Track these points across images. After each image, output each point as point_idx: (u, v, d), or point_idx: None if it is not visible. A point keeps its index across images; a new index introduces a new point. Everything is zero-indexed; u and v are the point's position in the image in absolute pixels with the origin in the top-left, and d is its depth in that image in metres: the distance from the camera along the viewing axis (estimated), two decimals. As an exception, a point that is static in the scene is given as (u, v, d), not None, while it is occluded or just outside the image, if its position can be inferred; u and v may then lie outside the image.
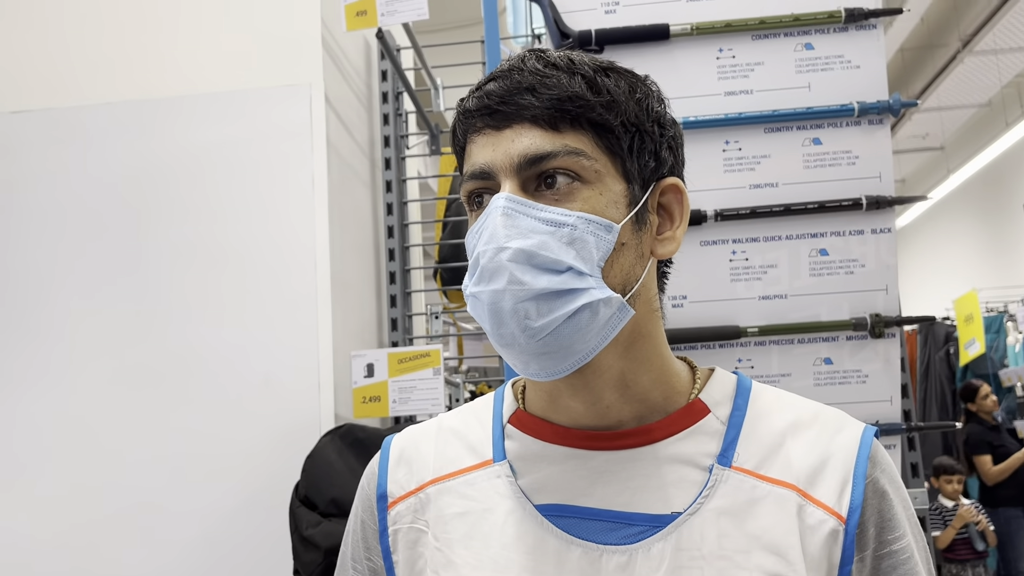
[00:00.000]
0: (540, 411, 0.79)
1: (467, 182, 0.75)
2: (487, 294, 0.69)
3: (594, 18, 1.72)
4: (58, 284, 2.09)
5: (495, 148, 0.72)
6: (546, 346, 0.69)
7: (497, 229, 0.69)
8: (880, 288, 1.64)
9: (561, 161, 0.71)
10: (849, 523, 0.71)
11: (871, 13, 1.64)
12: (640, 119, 0.75)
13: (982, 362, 6.72)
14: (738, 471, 0.73)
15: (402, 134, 2.54)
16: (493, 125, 0.73)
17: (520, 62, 0.74)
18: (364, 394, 1.91)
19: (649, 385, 0.76)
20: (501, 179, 0.72)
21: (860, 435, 0.76)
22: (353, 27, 1.97)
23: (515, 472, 0.77)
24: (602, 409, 0.75)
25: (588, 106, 0.72)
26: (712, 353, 1.66)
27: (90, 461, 2.01)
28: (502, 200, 0.70)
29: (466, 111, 0.75)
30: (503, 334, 0.69)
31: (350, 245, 2.24)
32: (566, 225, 0.69)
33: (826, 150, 1.66)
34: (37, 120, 2.17)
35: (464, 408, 0.87)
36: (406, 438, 0.85)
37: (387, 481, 0.82)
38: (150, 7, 2.20)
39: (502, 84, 0.73)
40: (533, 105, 0.72)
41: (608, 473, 0.74)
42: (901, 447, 1.68)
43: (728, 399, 0.78)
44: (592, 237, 0.70)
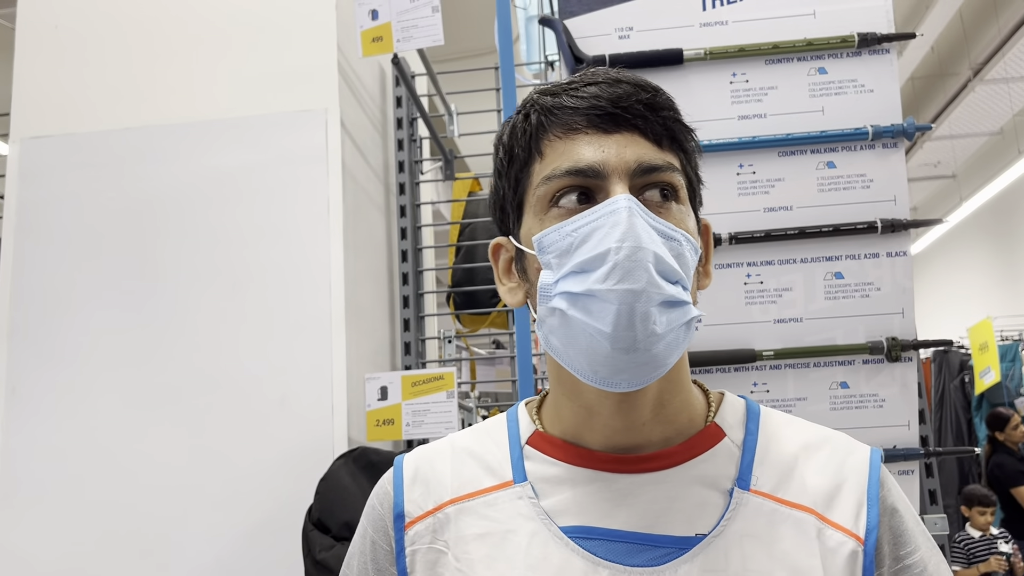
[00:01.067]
0: (566, 430, 0.78)
1: (560, 178, 0.72)
2: (619, 292, 0.66)
3: (608, 43, 1.73)
4: (76, 306, 2.10)
5: (604, 150, 0.72)
6: (656, 356, 0.68)
7: (631, 228, 0.67)
8: (896, 311, 1.63)
9: (667, 176, 0.73)
10: (867, 543, 0.72)
11: (884, 38, 1.65)
12: (698, 155, 0.79)
13: (998, 391, 6.66)
14: (757, 494, 0.74)
15: (416, 159, 2.55)
16: (602, 127, 0.72)
17: (616, 73, 0.75)
18: (378, 417, 1.90)
19: (680, 407, 0.77)
20: (612, 181, 0.71)
21: (869, 458, 0.77)
22: (369, 53, 1.99)
23: (536, 493, 0.76)
24: (637, 428, 0.75)
25: (683, 130, 0.76)
26: (727, 377, 1.65)
27: (105, 481, 2.01)
28: (627, 201, 0.69)
29: (562, 106, 0.74)
30: (624, 337, 0.67)
31: (364, 269, 2.25)
32: (675, 239, 0.70)
33: (840, 173, 1.66)
34: (57, 145, 2.19)
35: (475, 428, 0.86)
36: (419, 457, 0.84)
37: (404, 501, 0.80)
38: (168, 34, 2.23)
39: (609, 90, 0.73)
40: (646, 116, 0.73)
41: (631, 496, 0.74)
42: (919, 473, 1.66)
43: (740, 423, 0.79)
44: (689, 255, 0.71)
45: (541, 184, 0.74)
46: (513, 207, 0.78)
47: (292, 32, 2.19)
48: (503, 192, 0.79)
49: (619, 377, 0.69)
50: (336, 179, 2.09)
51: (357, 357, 2.10)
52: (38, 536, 2.01)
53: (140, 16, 2.25)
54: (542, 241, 0.72)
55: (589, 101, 0.73)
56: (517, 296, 0.79)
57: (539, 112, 0.75)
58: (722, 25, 1.71)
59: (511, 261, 0.80)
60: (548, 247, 0.72)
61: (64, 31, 2.26)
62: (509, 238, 0.80)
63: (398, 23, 1.96)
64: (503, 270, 0.81)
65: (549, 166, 0.73)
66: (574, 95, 0.74)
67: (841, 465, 0.76)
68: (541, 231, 0.72)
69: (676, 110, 0.76)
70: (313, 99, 2.14)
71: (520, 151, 0.76)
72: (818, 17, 1.69)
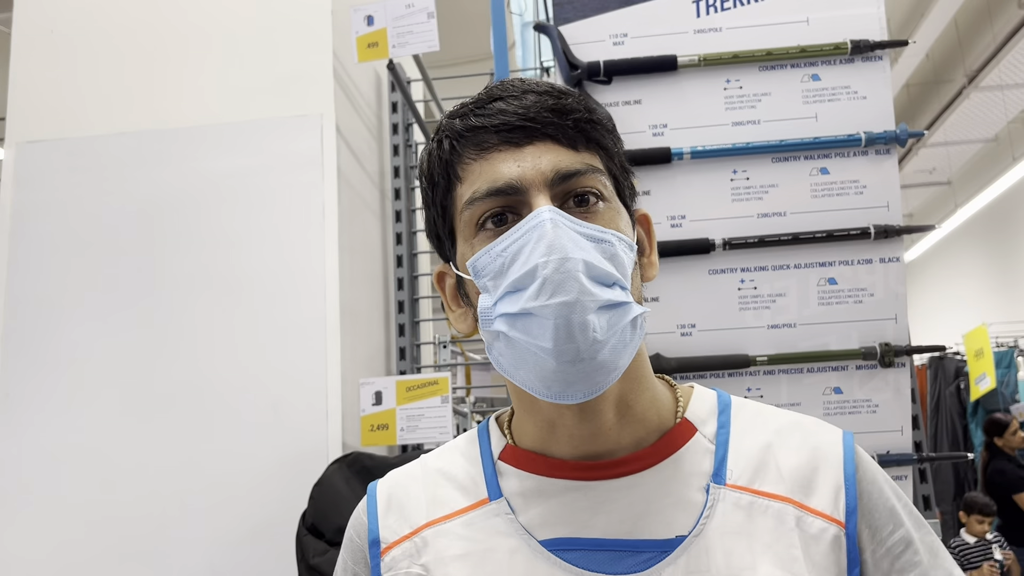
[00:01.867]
0: (534, 443, 0.77)
1: (482, 200, 0.71)
2: (553, 307, 0.65)
3: (602, 49, 1.74)
4: (70, 311, 2.10)
5: (519, 164, 0.71)
6: (603, 362, 0.67)
7: (555, 240, 0.66)
8: (889, 317, 1.64)
9: (587, 179, 0.72)
10: (848, 526, 0.72)
11: (877, 45, 1.66)
12: (622, 149, 0.78)
13: (993, 397, 6.67)
14: (733, 488, 0.73)
15: (411, 165, 2.56)
16: (512, 141, 0.72)
17: (523, 83, 0.75)
18: (372, 422, 1.90)
19: (646, 406, 0.76)
20: (532, 194, 0.70)
21: (841, 439, 0.77)
22: (365, 58, 1.99)
23: (513, 509, 0.75)
24: (604, 433, 0.74)
25: (599, 129, 0.75)
26: (721, 382, 1.65)
27: (98, 487, 2.01)
28: (549, 212, 0.68)
29: (472, 128, 0.73)
30: (567, 350, 0.66)
31: (359, 274, 2.25)
32: (605, 241, 0.70)
33: (834, 180, 1.67)
34: (52, 149, 2.20)
35: (447, 447, 0.85)
36: (392, 483, 0.82)
37: (378, 527, 0.79)
38: (164, 39, 2.23)
39: (517, 103, 0.72)
40: (555, 123, 0.72)
41: (608, 502, 0.73)
42: (913, 478, 1.66)
43: (712, 416, 0.78)
44: (623, 254, 0.71)
45: (465, 208, 0.73)
46: (446, 234, 0.77)
47: (288, 38, 2.19)
48: (434, 220, 0.78)
49: (572, 389, 0.68)
50: (331, 184, 2.09)
51: (352, 362, 2.10)
52: (31, 542, 2.00)
53: (136, 22, 2.25)
54: (475, 265, 0.71)
55: (497, 117, 0.72)
56: (467, 322, 0.78)
57: (451, 136, 0.74)
58: (716, 32, 1.72)
59: (455, 287, 0.78)
60: (482, 270, 0.71)
61: (60, 36, 2.27)
62: (450, 264, 0.78)
63: (393, 29, 1.97)
64: (450, 297, 0.79)
65: (469, 189, 0.72)
66: (481, 114, 0.73)
67: (815, 449, 0.75)
68: (473, 255, 0.72)
69: (589, 109, 0.75)
70: (309, 104, 2.15)
71: (440, 178, 0.76)
72: (811, 24, 1.70)
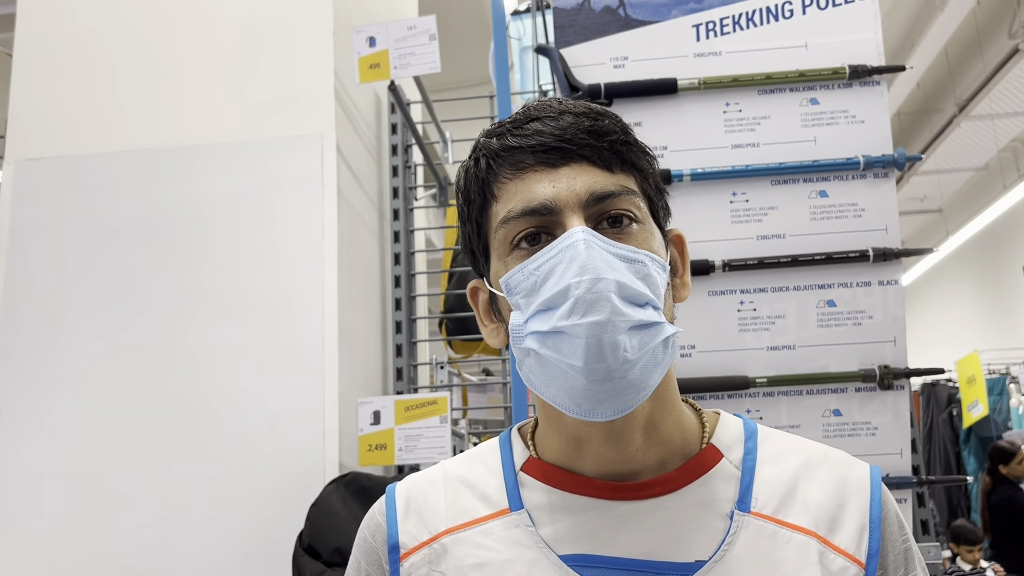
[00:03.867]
0: (559, 459, 0.77)
1: (517, 220, 0.73)
2: (585, 326, 0.66)
3: (603, 72, 1.75)
4: (67, 328, 2.09)
5: (555, 184, 0.72)
6: (633, 381, 0.68)
7: (587, 261, 0.67)
8: (888, 340, 1.64)
9: (622, 201, 0.73)
10: (869, 568, 0.72)
11: (874, 70, 1.68)
12: (657, 171, 0.79)
13: (985, 424, 6.68)
14: (757, 516, 0.73)
15: (410, 185, 2.57)
16: (548, 162, 0.73)
17: (559, 104, 0.76)
18: (370, 442, 1.89)
19: (672, 427, 0.76)
20: (567, 215, 0.71)
21: (870, 478, 0.77)
22: (366, 79, 2.01)
23: (534, 521, 0.75)
24: (630, 453, 0.74)
25: (634, 151, 0.76)
26: (721, 403, 1.65)
27: (93, 506, 1.99)
28: (583, 233, 0.69)
29: (509, 147, 0.74)
30: (598, 369, 0.66)
31: (358, 294, 2.25)
32: (638, 261, 0.70)
33: (832, 202, 1.68)
34: (52, 168, 2.20)
35: (468, 455, 0.85)
36: (411, 486, 0.82)
37: (398, 532, 0.79)
38: (164, 59, 2.25)
39: (553, 124, 0.73)
40: (591, 144, 0.73)
41: (630, 522, 0.73)
42: (911, 502, 1.66)
43: (738, 443, 0.78)
44: (657, 275, 0.71)
45: (500, 227, 0.74)
46: (480, 251, 0.78)
47: (289, 58, 2.20)
48: (469, 236, 0.80)
49: (602, 408, 0.69)
50: (331, 204, 2.10)
51: (349, 382, 2.09)
52: (25, 559, 1.98)
53: (136, 42, 2.26)
54: (508, 283, 0.72)
55: (533, 138, 0.73)
56: (499, 337, 0.79)
57: (487, 155, 0.76)
58: (716, 56, 1.74)
59: (488, 303, 0.80)
60: (515, 288, 0.72)
61: (61, 55, 2.27)
62: (483, 280, 0.80)
63: (395, 50, 1.98)
64: (483, 312, 0.81)
65: (504, 208, 0.74)
66: (518, 134, 0.74)
67: (842, 484, 0.76)
68: (507, 273, 0.73)
69: (625, 131, 0.76)
70: (309, 125, 2.16)
71: (476, 196, 0.77)
72: (810, 49, 1.72)
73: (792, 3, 1.74)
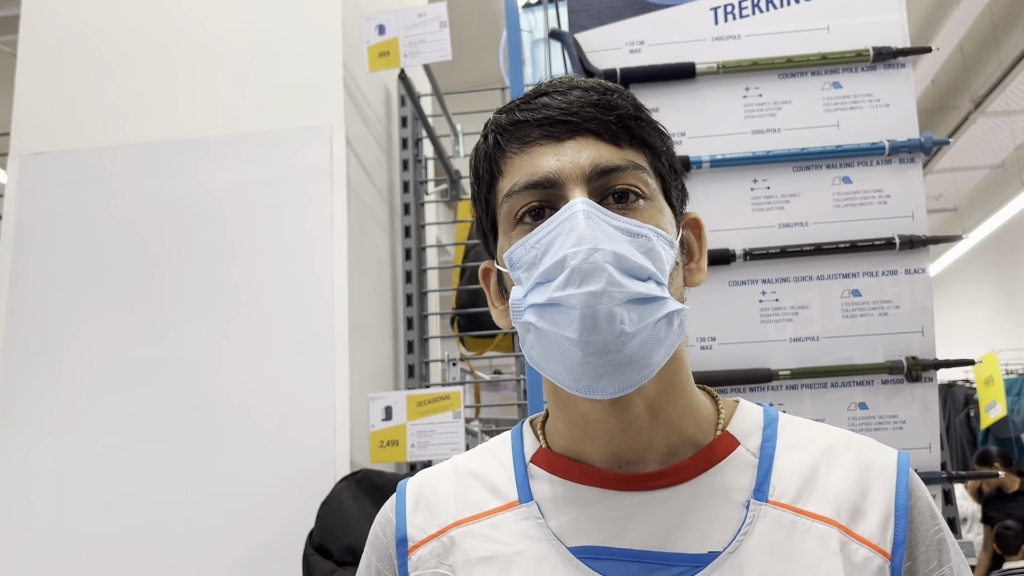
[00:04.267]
0: (567, 447, 0.76)
1: (520, 193, 0.72)
2: (580, 297, 0.65)
3: (619, 57, 1.71)
4: (74, 326, 2.06)
5: (559, 158, 0.71)
6: (631, 356, 0.66)
7: (585, 232, 0.66)
8: (916, 330, 1.59)
9: (628, 176, 0.72)
10: (895, 559, 0.69)
11: (899, 52, 1.63)
12: (672, 151, 0.78)
13: (1004, 425, 6.60)
14: (775, 505, 0.71)
15: (421, 180, 2.53)
16: (554, 135, 0.72)
17: (571, 80, 0.75)
18: (382, 438, 1.85)
19: (680, 412, 0.74)
20: (569, 188, 0.70)
21: (896, 464, 0.74)
22: (376, 68, 1.97)
23: (543, 514, 0.74)
24: (635, 431, 0.73)
25: (645, 127, 0.75)
26: (743, 397, 1.60)
27: (100, 506, 1.96)
28: (582, 204, 0.68)
29: (516, 122, 0.74)
30: (593, 341, 0.65)
31: (368, 289, 2.21)
32: (641, 235, 0.69)
33: (856, 189, 1.63)
34: (58, 162, 2.17)
35: (479, 448, 0.84)
36: (421, 481, 0.82)
37: (406, 525, 0.78)
38: (171, 50, 2.21)
39: (560, 98, 0.73)
40: (598, 118, 0.72)
41: (641, 513, 0.71)
42: (939, 499, 1.61)
43: (757, 430, 0.76)
44: (662, 251, 0.70)
45: (504, 201, 0.74)
46: (489, 229, 0.78)
47: (298, 49, 2.17)
48: (479, 215, 0.80)
49: (601, 383, 0.68)
50: (340, 197, 2.06)
51: (360, 378, 2.05)
52: (31, 561, 1.95)
53: (143, 34, 2.23)
54: (511, 257, 0.72)
55: (540, 112, 0.73)
56: (507, 318, 0.77)
57: (495, 131, 0.76)
58: (735, 39, 1.69)
59: (498, 283, 0.79)
60: (517, 262, 0.71)
61: (67, 48, 2.25)
62: (493, 261, 0.80)
63: (405, 38, 1.94)
64: (494, 294, 0.80)
65: (509, 182, 0.73)
66: (526, 108, 0.74)
67: (866, 470, 0.73)
68: (510, 248, 0.72)
69: (637, 107, 0.75)
70: (318, 116, 2.12)
71: (484, 172, 0.77)
72: (832, 31, 1.67)
73: (813, -16, 1.69)
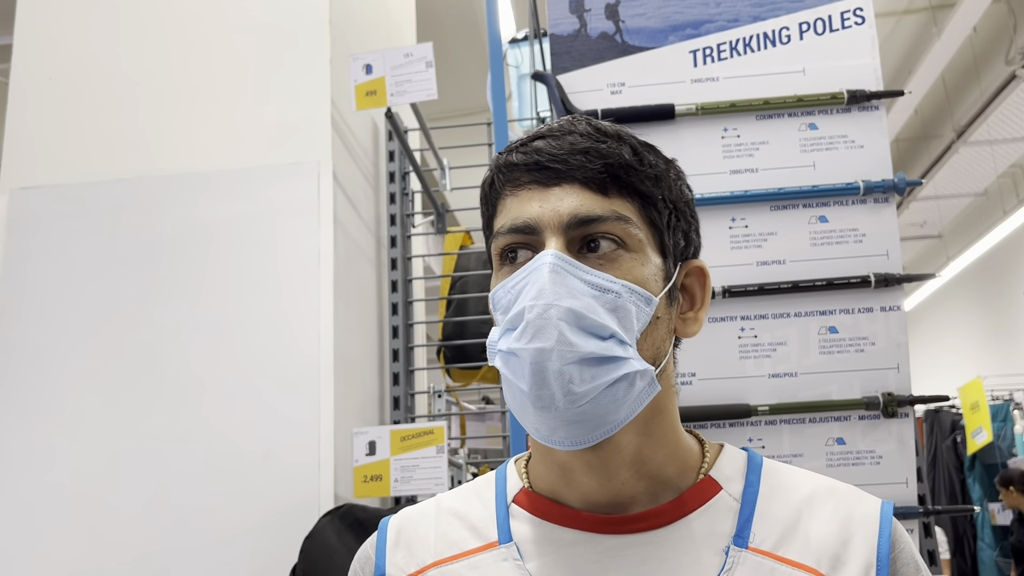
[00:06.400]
0: (548, 489, 0.76)
1: (504, 235, 0.73)
2: (530, 351, 0.66)
3: (600, 98, 1.75)
4: (61, 358, 2.06)
5: (542, 204, 0.72)
6: (583, 414, 0.67)
7: (546, 285, 0.67)
8: (891, 367, 1.62)
9: (609, 226, 0.71)
10: None
11: (873, 95, 1.67)
12: (676, 197, 0.77)
13: (990, 451, 6.62)
14: (755, 552, 0.70)
15: (407, 212, 2.55)
16: (541, 181, 0.72)
17: (571, 124, 0.75)
18: (365, 473, 1.86)
19: (663, 461, 0.74)
20: (546, 236, 0.71)
21: (879, 513, 0.74)
22: (363, 106, 2.00)
23: (522, 555, 0.74)
24: (616, 487, 0.73)
25: (638, 175, 0.73)
26: (722, 432, 1.63)
27: (82, 541, 1.95)
28: (551, 257, 0.69)
29: (510, 164, 0.75)
30: (542, 396, 0.66)
31: (354, 321, 2.23)
32: (611, 291, 0.69)
33: (832, 228, 1.66)
34: (46, 196, 2.18)
35: (464, 488, 0.84)
36: (403, 519, 0.82)
37: (385, 564, 0.78)
38: (160, 86, 2.24)
39: (554, 143, 0.73)
40: (585, 167, 0.72)
41: (620, 557, 0.71)
42: (917, 533, 1.63)
43: (740, 475, 0.76)
44: (633, 307, 0.70)
45: (494, 239, 0.75)
46: (489, 260, 0.79)
47: (286, 86, 2.20)
48: (487, 243, 0.81)
49: (557, 436, 0.69)
50: (327, 231, 2.08)
51: (345, 411, 2.06)
52: (11, 596, 1.94)
53: (133, 70, 2.26)
54: (494, 297, 0.73)
55: (532, 156, 0.73)
56: None
57: (495, 170, 0.77)
58: (713, 81, 1.73)
59: None
60: (497, 303, 0.73)
61: (58, 83, 2.27)
62: None
63: (392, 78, 1.97)
64: None
65: (500, 222, 0.75)
66: (522, 151, 0.74)
67: (848, 519, 0.73)
68: (494, 287, 0.74)
69: (634, 153, 0.74)
70: (306, 152, 2.14)
71: (485, 208, 0.79)
72: (807, 74, 1.71)
73: (789, 29, 1.74)
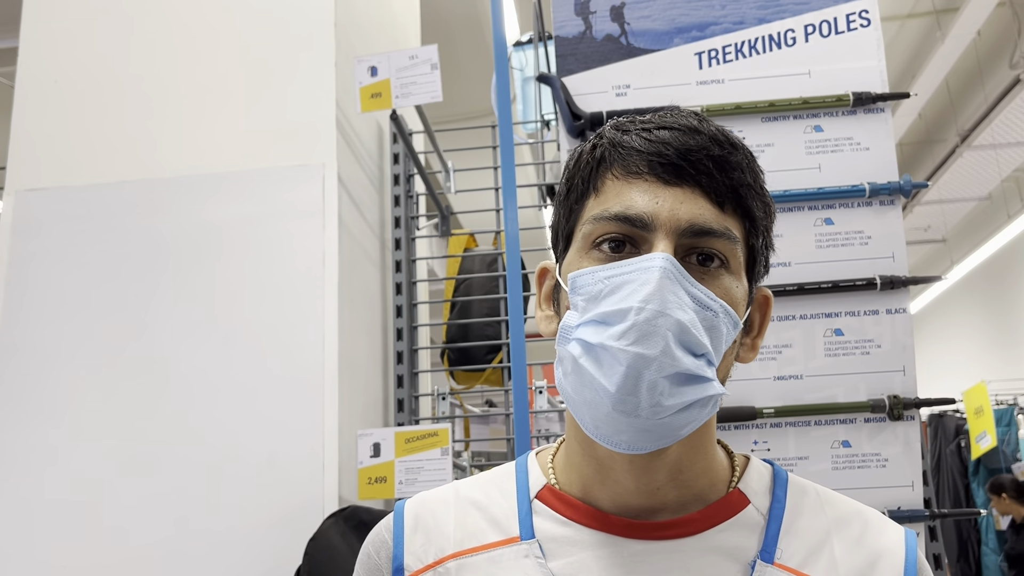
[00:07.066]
0: (579, 486, 0.75)
1: (607, 221, 0.69)
2: (631, 355, 0.63)
3: (605, 100, 1.75)
4: (65, 360, 2.06)
5: (659, 201, 0.68)
6: (659, 426, 0.65)
7: (657, 291, 0.64)
8: (897, 369, 1.62)
9: (720, 243, 0.69)
10: None
11: (879, 97, 1.67)
12: (770, 224, 0.75)
13: (994, 455, 6.60)
14: (781, 568, 0.70)
15: (412, 215, 2.55)
16: (662, 177, 0.69)
17: (696, 121, 0.71)
18: (370, 475, 1.86)
19: (700, 472, 0.73)
20: (658, 236, 0.68)
21: (904, 542, 0.73)
22: (368, 108, 2.00)
23: (544, 553, 0.72)
24: (651, 491, 0.72)
25: (754, 198, 0.71)
26: (728, 435, 1.62)
27: (86, 543, 1.95)
28: (664, 261, 0.65)
29: (629, 148, 0.70)
30: (627, 400, 0.64)
31: (358, 324, 2.23)
32: (711, 309, 0.67)
33: (838, 230, 1.66)
34: (51, 198, 2.19)
35: (481, 477, 0.82)
36: (420, 504, 0.80)
37: (404, 552, 0.76)
38: (166, 89, 2.24)
39: (681, 138, 0.69)
40: (712, 175, 0.69)
41: (644, 563, 0.70)
42: (924, 536, 1.62)
43: (767, 490, 0.75)
44: (724, 328, 0.68)
45: (588, 222, 0.71)
46: (563, 236, 0.76)
47: (291, 88, 2.20)
48: (558, 219, 0.77)
49: (619, 438, 0.67)
50: (332, 233, 2.08)
51: (349, 413, 2.06)
52: (15, 598, 1.94)
53: (138, 73, 2.26)
54: (576, 281, 0.70)
55: (656, 146, 0.69)
56: (552, 326, 0.75)
57: (604, 147, 0.72)
58: (718, 83, 1.73)
59: (552, 289, 0.77)
60: (580, 288, 0.69)
61: (63, 86, 2.27)
62: (556, 266, 0.77)
63: (397, 80, 1.98)
64: (544, 296, 0.78)
65: (601, 205, 0.71)
66: (644, 136, 0.70)
67: (875, 546, 0.72)
68: (578, 270, 0.70)
69: (753, 171, 0.71)
70: (311, 154, 2.15)
71: (580, 182, 0.74)
72: (813, 76, 1.71)
73: (795, 31, 1.74)
